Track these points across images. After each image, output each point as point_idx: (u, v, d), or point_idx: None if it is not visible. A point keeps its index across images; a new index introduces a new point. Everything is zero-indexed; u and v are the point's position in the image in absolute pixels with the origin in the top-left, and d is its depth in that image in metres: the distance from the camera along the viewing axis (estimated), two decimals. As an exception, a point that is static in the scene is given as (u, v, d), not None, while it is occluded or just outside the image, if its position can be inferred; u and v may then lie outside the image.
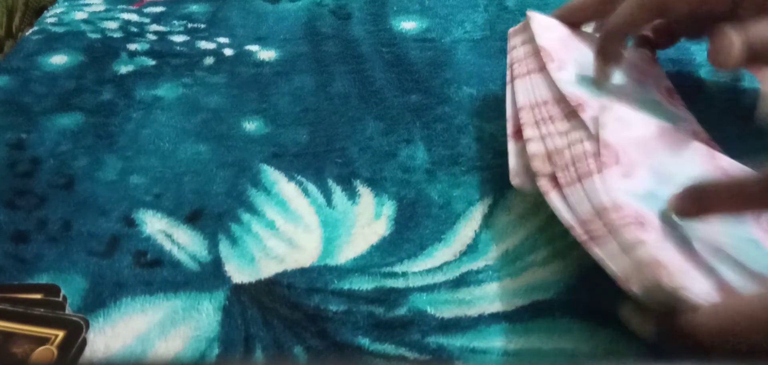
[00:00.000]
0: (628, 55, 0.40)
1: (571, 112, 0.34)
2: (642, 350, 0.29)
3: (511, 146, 0.35)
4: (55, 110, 0.46)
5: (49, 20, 0.57)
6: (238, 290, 0.33)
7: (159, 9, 0.57)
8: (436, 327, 0.30)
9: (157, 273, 0.34)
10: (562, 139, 0.33)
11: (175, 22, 0.55)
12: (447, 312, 0.31)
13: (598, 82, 0.36)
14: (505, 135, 0.36)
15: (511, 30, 0.41)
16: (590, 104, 0.34)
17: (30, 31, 0.56)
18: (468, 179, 0.38)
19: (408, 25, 0.53)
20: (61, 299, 0.32)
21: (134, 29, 0.55)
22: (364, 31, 0.53)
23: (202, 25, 0.55)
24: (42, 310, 0.31)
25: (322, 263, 0.34)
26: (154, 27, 0.55)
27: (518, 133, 0.35)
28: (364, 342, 0.30)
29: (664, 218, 0.29)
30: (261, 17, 0.55)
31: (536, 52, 0.37)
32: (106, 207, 0.38)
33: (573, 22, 0.40)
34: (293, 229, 0.36)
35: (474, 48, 0.50)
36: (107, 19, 0.56)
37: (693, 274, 0.27)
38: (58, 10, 0.58)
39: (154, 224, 0.36)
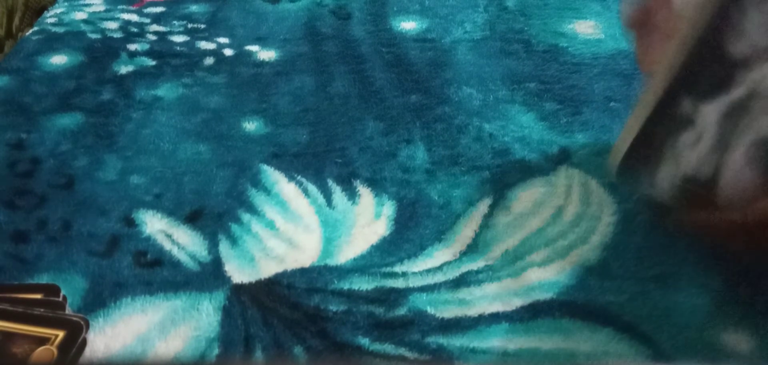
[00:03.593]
0: None
1: None
2: (642, 350, 0.29)
3: None
4: (55, 110, 0.46)
5: (49, 20, 0.57)
6: (238, 290, 0.33)
7: (159, 9, 0.57)
8: (436, 327, 0.30)
9: (157, 273, 0.34)
10: None
11: (175, 22, 0.55)
12: (447, 312, 0.31)
13: None
14: (505, 135, 0.36)
15: None
16: None
17: (30, 31, 0.56)
18: (468, 179, 0.38)
19: (408, 25, 0.53)
20: (61, 299, 0.32)
21: (134, 29, 0.55)
22: (364, 31, 0.53)
23: (202, 26, 0.55)
24: (42, 310, 0.31)
25: (322, 263, 0.34)
26: (154, 27, 0.55)
27: None
28: (364, 342, 0.30)
29: None
30: (261, 17, 0.55)
31: None
32: (106, 207, 0.38)
33: None
34: (293, 229, 0.36)
35: (474, 48, 0.50)
36: (107, 19, 0.56)
37: None
38: (58, 10, 0.58)
39: (154, 224, 0.36)
